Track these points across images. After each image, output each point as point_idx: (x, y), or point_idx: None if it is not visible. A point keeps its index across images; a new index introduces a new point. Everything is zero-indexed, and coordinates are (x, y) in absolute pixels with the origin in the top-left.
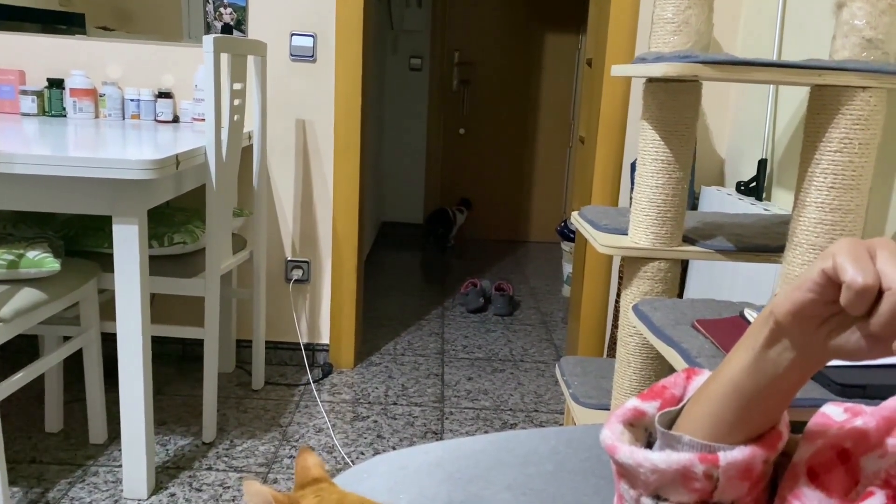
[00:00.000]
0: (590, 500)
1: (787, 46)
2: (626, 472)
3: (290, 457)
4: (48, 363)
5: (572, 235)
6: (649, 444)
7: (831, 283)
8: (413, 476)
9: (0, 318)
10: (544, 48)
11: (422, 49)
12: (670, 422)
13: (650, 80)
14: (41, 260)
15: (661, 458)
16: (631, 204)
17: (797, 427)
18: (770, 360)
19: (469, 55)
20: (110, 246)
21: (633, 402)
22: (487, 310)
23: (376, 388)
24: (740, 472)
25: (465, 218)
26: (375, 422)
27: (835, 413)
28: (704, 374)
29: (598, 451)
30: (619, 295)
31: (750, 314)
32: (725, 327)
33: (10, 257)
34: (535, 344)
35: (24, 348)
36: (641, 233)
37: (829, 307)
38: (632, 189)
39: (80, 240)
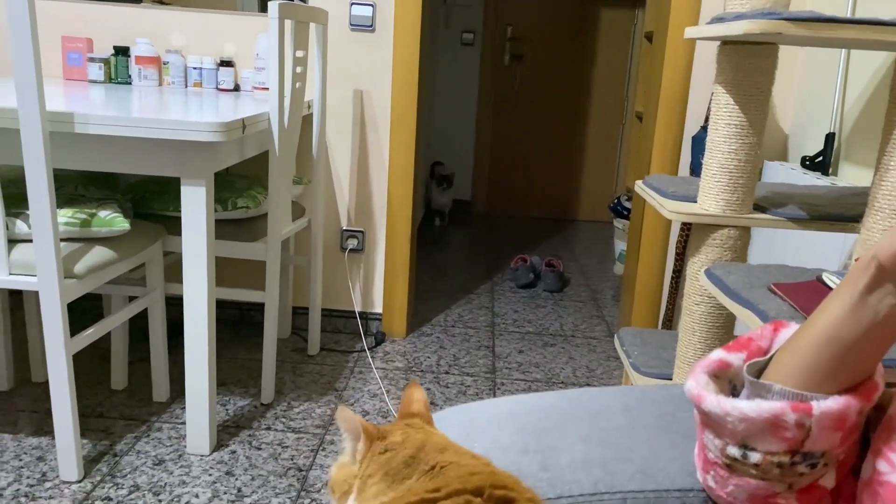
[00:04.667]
0: (667, 454)
1: (861, 9)
2: (712, 422)
3: None
4: (116, 321)
5: (626, 213)
6: (733, 397)
7: None
8: (485, 427)
9: (74, 273)
10: (599, 23)
11: (474, 24)
12: (758, 372)
13: (724, 43)
14: (112, 219)
15: (750, 406)
16: (692, 174)
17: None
18: (870, 306)
19: (522, 30)
20: (175, 209)
21: (719, 354)
22: (537, 286)
23: (428, 358)
24: (834, 422)
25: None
26: (428, 389)
27: None
28: (792, 327)
29: (671, 408)
30: (675, 270)
31: (829, 278)
32: (804, 290)
33: (83, 216)
34: (585, 320)
35: (89, 310)
36: (712, 199)
37: None
38: (692, 163)
39: (146, 203)
